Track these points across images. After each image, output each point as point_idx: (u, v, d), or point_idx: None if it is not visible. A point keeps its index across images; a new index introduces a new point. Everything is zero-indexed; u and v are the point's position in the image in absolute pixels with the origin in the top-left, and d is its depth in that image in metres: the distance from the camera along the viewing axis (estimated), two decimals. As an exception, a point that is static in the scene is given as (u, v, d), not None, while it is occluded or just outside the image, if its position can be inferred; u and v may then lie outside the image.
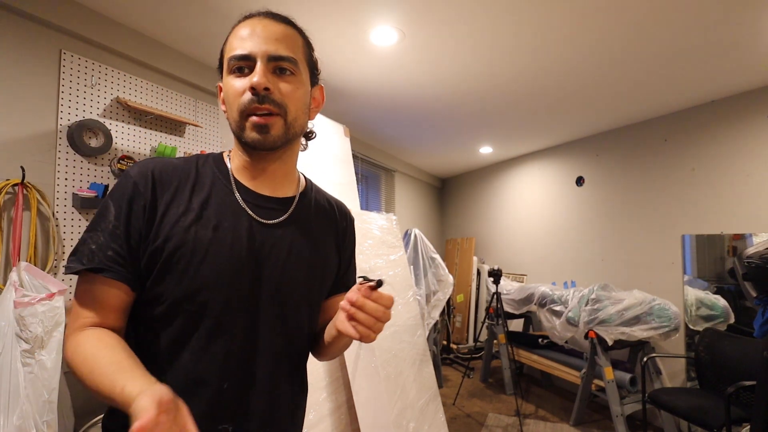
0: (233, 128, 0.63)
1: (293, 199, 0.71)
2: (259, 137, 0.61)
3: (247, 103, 0.60)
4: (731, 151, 2.58)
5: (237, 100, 0.60)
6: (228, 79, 0.62)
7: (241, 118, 0.61)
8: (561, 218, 3.75)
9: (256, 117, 0.60)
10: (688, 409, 2.06)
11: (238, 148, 0.67)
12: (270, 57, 0.61)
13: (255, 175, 0.67)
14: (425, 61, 2.10)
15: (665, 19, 1.73)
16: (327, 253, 0.74)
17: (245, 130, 0.61)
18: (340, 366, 1.68)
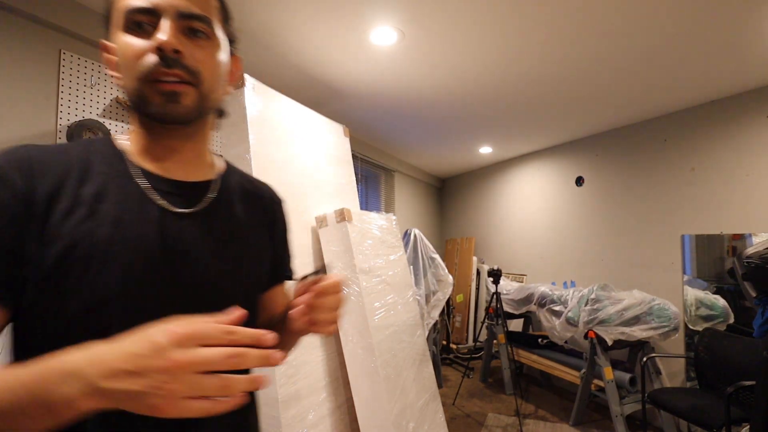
0: (131, 98, 0.51)
1: (211, 183, 0.60)
2: (167, 107, 0.50)
3: (152, 67, 0.49)
4: (731, 151, 2.59)
5: (136, 63, 0.49)
6: (122, 37, 0.50)
7: (142, 85, 0.50)
8: (561, 218, 3.75)
9: (163, 84, 0.50)
10: (687, 409, 2.06)
11: (137, 126, 0.55)
12: (180, 14, 0.50)
13: (161, 156, 0.56)
14: (425, 61, 2.10)
15: (665, 19, 1.73)
16: (258, 242, 0.64)
17: (148, 99, 0.50)
18: (340, 366, 1.68)
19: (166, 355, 0.34)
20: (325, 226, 1.72)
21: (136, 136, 0.56)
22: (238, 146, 1.50)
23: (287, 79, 2.30)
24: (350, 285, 1.66)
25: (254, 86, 1.58)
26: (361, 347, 1.63)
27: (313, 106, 2.03)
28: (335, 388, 1.62)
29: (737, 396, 1.94)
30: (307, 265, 1.65)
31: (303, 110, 1.90)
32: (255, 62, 2.10)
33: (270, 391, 1.34)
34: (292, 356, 1.43)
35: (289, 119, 1.77)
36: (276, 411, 1.32)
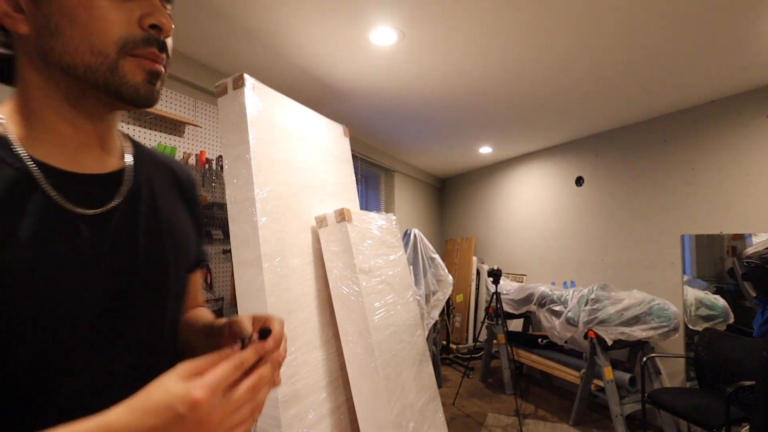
0: (90, 63, 0.41)
1: (125, 170, 0.50)
2: (146, 88, 0.44)
3: (140, 41, 0.43)
4: (731, 151, 2.59)
5: (116, 29, 0.41)
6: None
7: (120, 58, 0.42)
8: (560, 218, 3.75)
9: (148, 61, 0.44)
10: (687, 409, 2.06)
11: (60, 105, 0.43)
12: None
13: (78, 147, 0.45)
14: (425, 61, 2.10)
15: (665, 19, 1.73)
16: (183, 226, 0.58)
17: (122, 73, 0.42)
18: (340, 366, 1.68)
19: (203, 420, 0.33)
20: (325, 226, 1.72)
21: (30, 115, 0.43)
22: (238, 146, 1.50)
23: (287, 79, 2.29)
24: (350, 285, 1.66)
25: (254, 86, 1.58)
26: (360, 347, 1.63)
27: (313, 106, 2.03)
28: (335, 388, 1.62)
29: (737, 396, 1.94)
30: (307, 266, 1.65)
31: (303, 110, 1.90)
32: (255, 62, 2.10)
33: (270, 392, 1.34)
34: (293, 356, 1.43)
35: (289, 119, 1.77)
36: (276, 411, 1.32)
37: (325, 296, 1.70)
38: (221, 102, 1.56)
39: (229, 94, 1.55)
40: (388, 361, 1.67)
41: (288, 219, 1.59)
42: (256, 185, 1.45)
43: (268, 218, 1.46)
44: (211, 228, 2.09)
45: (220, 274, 2.13)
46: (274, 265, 1.44)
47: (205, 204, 2.02)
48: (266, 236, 1.43)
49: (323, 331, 1.64)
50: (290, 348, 1.43)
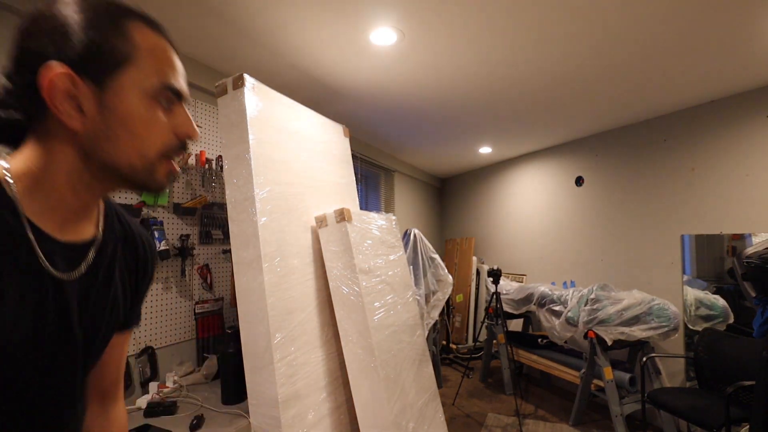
0: (135, 165, 0.49)
1: (95, 240, 0.55)
2: (166, 182, 0.53)
3: (174, 149, 0.52)
4: (731, 151, 2.59)
5: (161, 138, 0.50)
6: (149, 106, 0.49)
7: (157, 160, 0.50)
8: (560, 218, 3.75)
9: (176, 165, 0.54)
10: (687, 408, 2.06)
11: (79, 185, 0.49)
12: (187, 102, 0.55)
13: (68, 213, 0.50)
14: (424, 61, 2.10)
15: (665, 19, 1.73)
16: (124, 299, 0.62)
17: (156, 174, 0.51)
18: (340, 366, 1.68)
19: None
20: (324, 226, 1.71)
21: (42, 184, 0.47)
22: (238, 146, 1.50)
23: (287, 79, 2.29)
24: (350, 285, 1.66)
25: (254, 86, 1.58)
26: (360, 347, 1.63)
27: (313, 106, 2.03)
28: (335, 388, 1.62)
29: (737, 396, 1.95)
30: (307, 266, 1.65)
31: (303, 110, 1.90)
32: (255, 62, 2.10)
33: (270, 392, 1.34)
34: (292, 356, 1.43)
35: (289, 119, 1.77)
36: (276, 411, 1.32)
37: (325, 296, 1.70)
38: (221, 102, 1.56)
39: (228, 94, 1.55)
40: (387, 361, 1.67)
41: (288, 219, 1.59)
42: (256, 185, 1.45)
43: (268, 218, 1.46)
44: (211, 228, 2.09)
45: (220, 274, 2.14)
46: (274, 265, 1.44)
47: (204, 204, 2.02)
48: (266, 236, 1.43)
49: (323, 331, 1.64)
50: (290, 348, 1.43)
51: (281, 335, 1.40)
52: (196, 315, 1.97)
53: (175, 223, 1.93)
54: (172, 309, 1.88)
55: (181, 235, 1.92)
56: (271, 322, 1.36)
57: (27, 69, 0.45)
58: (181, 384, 1.73)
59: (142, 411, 1.48)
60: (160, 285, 1.83)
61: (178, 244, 1.90)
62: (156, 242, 1.76)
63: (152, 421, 1.42)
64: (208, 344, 2.00)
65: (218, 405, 1.57)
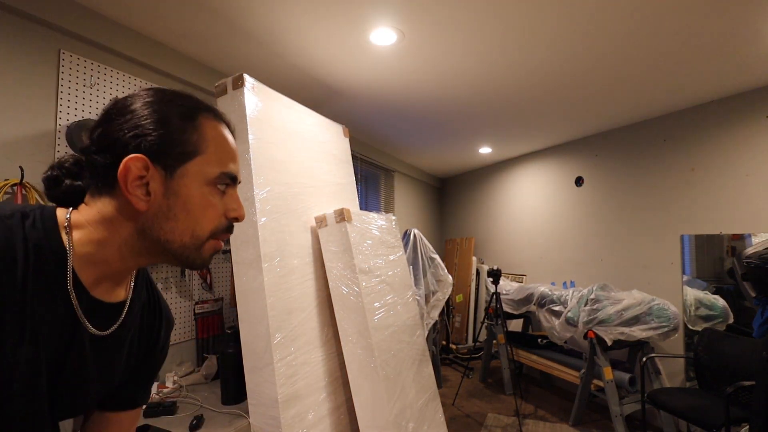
0: (186, 243, 0.53)
1: (125, 303, 0.58)
2: (209, 261, 0.57)
3: (224, 229, 0.56)
4: (731, 151, 2.59)
5: (214, 220, 0.54)
6: (208, 189, 0.53)
7: (207, 239, 0.54)
8: (560, 218, 3.75)
9: (221, 243, 0.57)
10: (687, 409, 2.06)
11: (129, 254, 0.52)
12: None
13: (109, 276, 0.54)
14: (424, 61, 2.10)
15: (665, 19, 1.73)
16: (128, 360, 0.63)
17: (203, 252, 0.54)
18: (340, 366, 1.68)
19: None
20: (324, 226, 1.71)
21: (99, 250, 0.51)
22: (238, 146, 1.49)
23: (287, 79, 2.29)
24: (350, 285, 1.66)
25: (254, 86, 1.58)
26: (360, 347, 1.63)
27: (313, 106, 2.03)
28: (335, 388, 1.62)
29: (737, 396, 1.95)
30: (306, 266, 1.65)
31: (303, 110, 1.90)
32: (255, 62, 2.10)
33: (270, 392, 1.34)
34: (292, 356, 1.43)
35: (288, 119, 1.77)
36: (276, 411, 1.32)
37: (325, 296, 1.70)
38: (221, 102, 1.56)
39: (228, 94, 1.55)
40: (387, 361, 1.67)
41: (288, 219, 1.59)
42: (256, 185, 1.45)
43: (267, 218, 1.46)
44: (211, 228, 2.08)
45: (219, 274, 2.13)
46: (273, 265, 1.44)
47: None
48: (266, 236, 1.43)
49: (323, 331, 1.64)
50: (290, 348, 1.43)
51: (281, 335, 1.40)
52: (195, 315, 1.97)
53: (174, 223, 1.93)
54: (172, 309, 1.88)
55: (181, 235, 1.92)
56: (270, 322, 1.36)
57: (107, 151, 0.49)
58: (181, 384, 1.73)
59: (142, 411, 1.48)
60: (159, 285, 1.83)
61: (178, 244, 1.90)
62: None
63: (152, 421, 1.42)
64: (208, 344, 2.00)
65: (218, 405, 1.57)
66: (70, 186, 0.53)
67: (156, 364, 0.69)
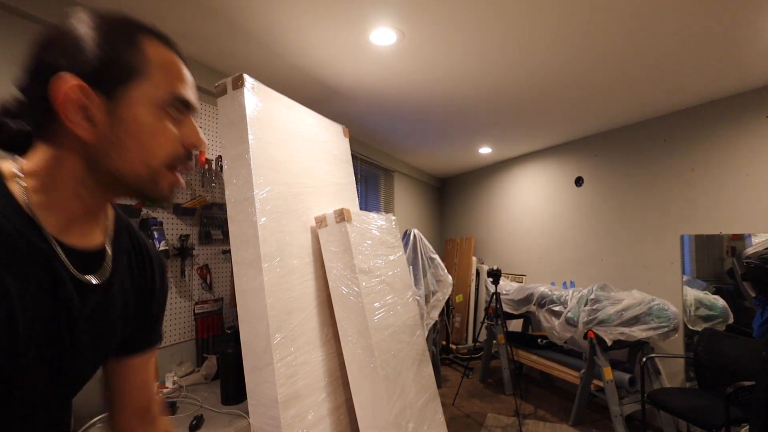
0: (140, 173, 0.49)
1: (106, 249, 0.56)
2: (169, 193, 0.53)
3: (181, 158, 0.53)
4: (731, 151, 2.59)
5: (167, 149, 0.51)
6: (158, 116, 0.50)
7: (162, 169, 0.51)
8: (560, 218, 3.75)
9: (178, 173, 0.53)
10: (687, 409, 2.06)
11: (85, 191, 0.49)
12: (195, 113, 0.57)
13: (74, 219, 0.51)
14: (425, 61, 2.10)
15: (665, 19, 1.73)
16: (133, 313, 0.63)
17: (160, 183, 0.51)
18: (340, 366, 1.68)
19: None
20: (324, 226, 1.71)
21: (51, 190, 0.48)
22: (238, 146, 1.50)
23: (287, 79, 2.29)
24: (350, 285, 1.66)
25: (254, 86, 1.58)
26: (360, 347, 1.63)
27: (313, 106, 2.03)
28: (335, 388, 1.62)
29: (737, 396, 1.94)
30: (306, 266, 1.65)
31: (303, 110, 1.90)
32: (255, 62, 2.10)
33: (269, 392, 1.34)
34: (292, 357, 1.43)
35: (288, 119, 1.77)
36: (275, 411, 1.32)
37: (325, 296, 1.70)
38: (221, 102, 1.56)
39: (228, 94, 1.55)
40: (387, 361, 1.67)
41: (288, 219, 1.58)
42: (256, 185, 1.45)
43: (267, 218, 1.46)
44: (211, 228, 2.08)
45: (219, 274, 2.13)
46: (273, 265, 1.44)
47: (204, 204, 2.02)
48: (266, 236, 1.43)
49: (323, 331, 1.64)
50: (290, 348, 1.43)
51: (281, 335, 1.40)
52: (195, 315, 1.97)
53: (174, 224, 1.93)
54: (172, 309, 1.88)
55: (181, 235, 1.92)
56: (270, 322, 1.36)
57: (41, 81, 0.46)
58: (181, 384, 1.73)
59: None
60: (159, 285, 1.83)
61: (178, 245, 1.90)
62: (155, 242, 1.76)
63: (152, 421, 1.42)
64: (208, 344, 2.00)
65: (218, 405, 1.56)
66: (17, 130, 0.48)
67: (159, 307, 0.68)
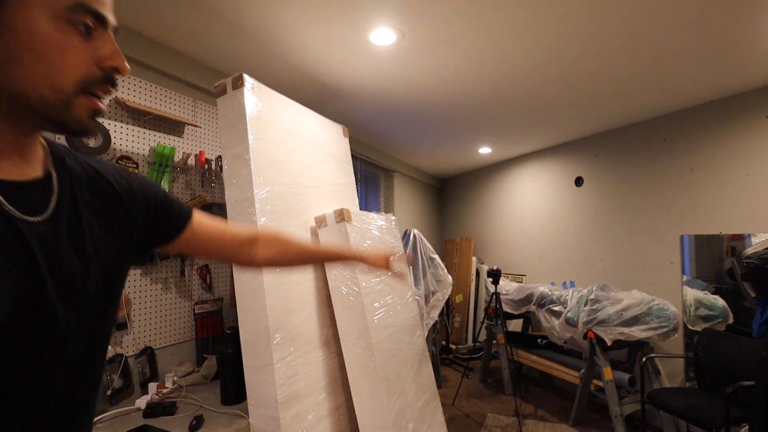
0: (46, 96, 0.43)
1: (48, 178, 0.50)
2: (89, 122, 0.47)
3: (96, 82, 0.45)
4: (731, 151, 2.59)
5: (78, 69, 0.44)
6: (60, 28, 0.42)
7: (75, 94, 0.44)
8: (560, 218, 3.75)
9: (98, 100, 0.47)
10: (686, 409, 2.06)
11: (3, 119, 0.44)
12: (115, 29, 0.48)
13: (4, 155, 0.46)
14: (424, 61, 2.10)
15: (665, 19, 1.73)
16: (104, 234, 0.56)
17: (73, 110, 0.45)
18: (339, 366, 1.68)
19: None
20: (324, 226, 1.71)
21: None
22: (238, 146, 1.50)
23: (287, 79, 2.29)
24: (350, 285, 1.66)
25: (253, 86, 1.58)
26: (360, 347, 1.63)
27: (312, 106, 2.03)
28: (335, 388, 1.62)
29: (736, 396, 1.95)
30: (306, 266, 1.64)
31: (303, 110, 1.90)
32: (254, 62, 2.10)
33: (269, 392, 1.34)
34: (292, 357, 1.43)
35: (288, 119, 1.77)
36: (275, 411, 1.32)
37: (325, 296, 1.70)
38: (220, 102, 1.56)
39: (228, 94, 1.55)
40: (387, 361, 1.67)
41: (287, 219, 1.58)
42: (256, 185, 1.45)
43: (267, 218, 1.46)
44: (211, 228, 2.08)
45: (219, 274, 2.13)
46: (273, 265, 1.44)
47: (203, 205, 2.02)
48: (266, 236, 1.43)
49: (323, 331, 1.64)
50: (290, 348, 1.43)
51: (281, 335, 1.40)
52: (195, 315, 1.97)
53: (174, 224, 1.92)
54: (172, 309, 1.88)
55: (181, 235, 1.92)
56: (270, 322, 1.36)
57: None
58: (181, 384, 1.73)
59: (142, 412, 1.48)
60: (159, 285, 1.83)
61: (178, 245, 1.90)
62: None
63: (151, 421, 1.42)
64: (208, 344, 2.00)
65: (218, 405, 1.56)
66: None
67: (156, 197, 0.64)
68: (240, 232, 0.80)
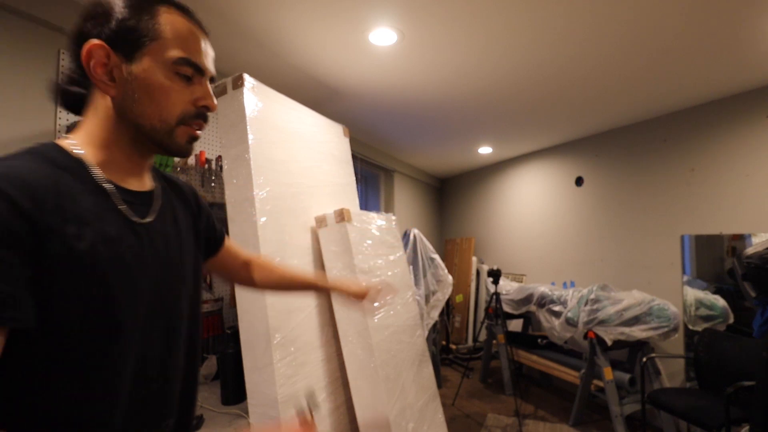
0: (156, 127, 0.58)
1: (154, 190, 0.66)
2: (188, 147, 0.62)
3: (192, 116, 0.60)
4: (731, 151, 2.59)
5: (179, 107, 0.59)
6: (169, 77, 0.57)
7: (177, 125, 0.59)
8: (560, 218, 3.75)
9: (194, 130, 0.62)
10: (687, 409, 2.06)
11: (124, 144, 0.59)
12: (212, 79, 0.64)
13: (127, 169, 0.61)
14: (424, 61, 2.10)
15: (665, 19, 1.73)
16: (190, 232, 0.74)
17: (175, 137, 0.60)
18: (339, 366, 1.68)
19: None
20: (324, 226, 1.71)
21: (103, 149, 0.58)
22: (238, 146, 1.50)
23: (287, 79, 2.29)
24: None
25: (253, 86, 1.58)
26: (360, 348, 1.63)
27: (313, 106, 2.03)
28: (335, 388, 1.62)
29: (737, 396, 1.94)
30: (306, 266, 1.65)
31: (303, 110, 1.90)
32: (254, 62, 2.10)
33: (270, 392, 1.34)
34: (292, 357, 1.43)
35: (288, 119, 1.77)
36: (275, 411, 1.32)
37: (325, 296, 1.70)
38: (220, 102, 1.56)
39: (228, 94, 1.55)
40: (387, 361, 1.67)
41: (287, 219, 1.58)
42: (256, 185, 1.45)
43: (267, 218, 1.46)
44: (211, 228, 2.08)
45: (219, 275, 2.13)
46: (273, 265, 1.43)
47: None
48: (266, 236, 1.43)
49: (323, 331, 1.64)
50: (290, 348, 1.43)
51: (281, 335, 1.40)
52: (195, 315, 1.97)
53: (174, 223, 1.92)
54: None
55: (181, 235, 1.92)
56: (270, 322, 1.36)
57: (78, 47, 0.55)
58: (181, 384, 1.72)
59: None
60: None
61: (178, 245, 1.90)
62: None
63: (152, 421, 1.42)
64: (208, 344, 2.00)
65: (218, 405, 1.56)
66: (74, 93, 0.60)
67: (208, 216, 0.81)
68: (241, 255, 0.92)
